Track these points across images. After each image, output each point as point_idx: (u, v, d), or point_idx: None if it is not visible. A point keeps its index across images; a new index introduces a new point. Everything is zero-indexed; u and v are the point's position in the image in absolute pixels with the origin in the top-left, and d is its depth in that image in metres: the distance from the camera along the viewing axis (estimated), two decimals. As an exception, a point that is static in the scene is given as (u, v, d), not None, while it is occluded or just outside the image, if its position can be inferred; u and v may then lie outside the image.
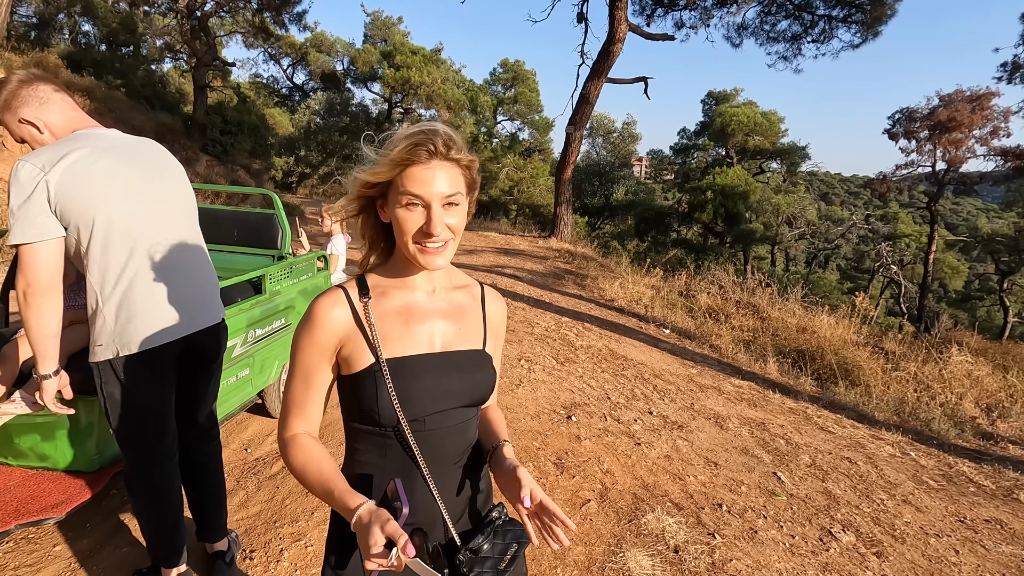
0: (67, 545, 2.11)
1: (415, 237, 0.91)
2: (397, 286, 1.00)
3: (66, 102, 1.63)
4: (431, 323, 1.00)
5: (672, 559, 2.44)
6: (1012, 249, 19.11)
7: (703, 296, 8.59)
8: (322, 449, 0.97)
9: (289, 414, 0.99)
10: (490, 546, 0.96)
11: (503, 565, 0.95)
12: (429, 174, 0.88)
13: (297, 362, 0.97)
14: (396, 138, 0.90)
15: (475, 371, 1.02)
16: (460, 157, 0.91)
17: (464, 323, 1.04)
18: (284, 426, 1.00)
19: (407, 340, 0.97)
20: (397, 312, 0.98)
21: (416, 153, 0.87)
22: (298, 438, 0.97)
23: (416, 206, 0.90)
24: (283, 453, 0.98)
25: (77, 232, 1.52)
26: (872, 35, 11.95)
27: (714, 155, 24.65)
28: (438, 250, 0.92)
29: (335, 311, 0.95)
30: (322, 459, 0.94)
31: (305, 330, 0.96)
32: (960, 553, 2.78)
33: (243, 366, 2.66)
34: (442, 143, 0.88)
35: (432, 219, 0.89)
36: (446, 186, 0.90)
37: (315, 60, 22.88)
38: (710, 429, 3.96)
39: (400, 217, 0.91)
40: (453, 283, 1.07)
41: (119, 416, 1.67)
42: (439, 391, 0.97)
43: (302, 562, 2.14)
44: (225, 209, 3.58)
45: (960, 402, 5.47)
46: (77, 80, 13.06)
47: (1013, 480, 3.73)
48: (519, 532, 0.99)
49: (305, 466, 0.93)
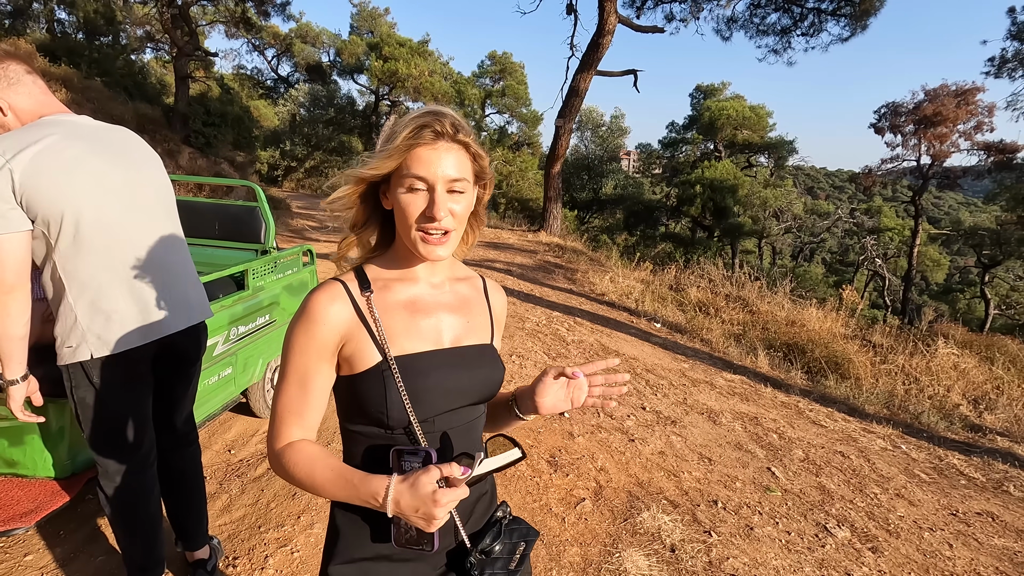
0: (39, 554, 2.01)
1: (418, 222, 0.86)
2: (399, 278, 0.94)
3: (37, 85, 1.52)
4: (438, 317, 0.94)
5: (669, 558, 2.39)
6: (994, 242, 19.40)
7: (693, 290, 8.59)
8: (325, 449, 0.89)
9: (282, 422, 0.89)
10: (500, 547, 0.94)
11: (513, 565, 0.93)
12: (435, 155, 0.84)
13: (292, 363, 0.88)
14: (401, 123, 0.86)
15: (485, 366, 0.97)
16: (468, 141, 0.87)
17: (472, 316, 0.99)
18: (277, 436, 0.89)
19: (414, 336, 0.91)
20: (402, 306, 0.92)
21: (421, 135, 0.83)
22: (296, 444, 0.88)
23: (420, 190, 0.85)
24: (279, 464, 0.88)
25: (46, 225, 1.41)
26: (861, 28, 11.98)
27: (703, 149, 24.67)
28: (440, 239, 0.87)
29: (335, 306, 0.87)
30: (328, 456, 0.87)
31: (301, 328, 0.87)
32: (954, 547, 2.78)
33: (225, 365, 2.56)
34: (450, 124, 0.84)
35: (436, 202, 0.84)
36: (452, 169, 0.85)
37: (300, 51, 22.53)
38: (703, 424, 3.93)
39: (403, 201, 0.86)
40: (456, 275, 1.02)
41: (92, 422, 1.57)
42: (450, 389, 0.91)
43: (288, 569, 2.06)
44: (206, 202, 3.46)
45: (948, 394, 5.51)
46: (54, 69, 12.70)
47: (1002, 472, 3.74)
48: (525, 530, 0.99)
49: (312, 468, 0.84)
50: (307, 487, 0.85)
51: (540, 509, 2.66)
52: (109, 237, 1.50)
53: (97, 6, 16.94)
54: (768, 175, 24.42)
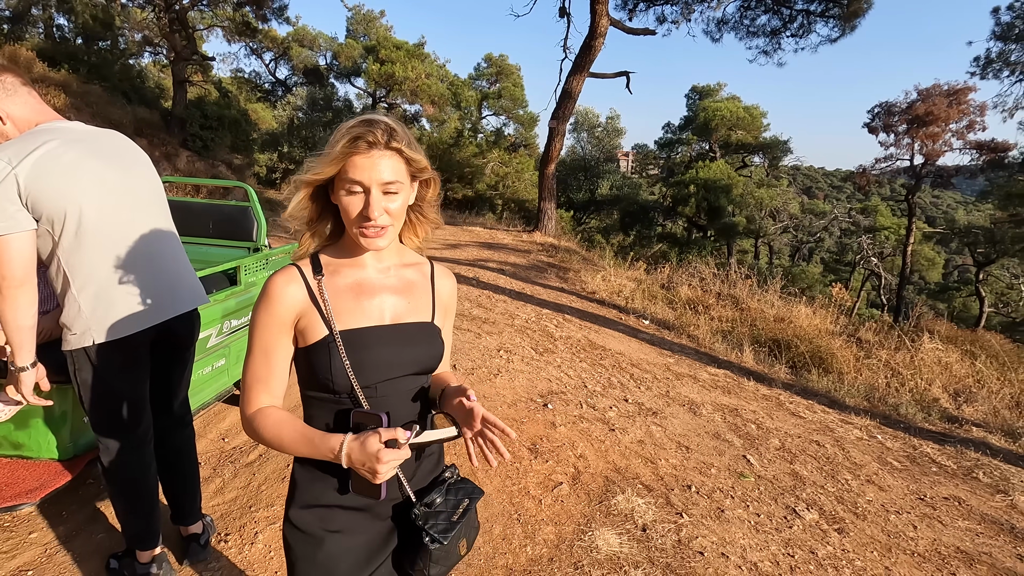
0: (42, 532, 2.14)
1: (357, 220, 0.97)
2: (348, 264, 1.06)
3: (32, 96, 1.65)
4: (381, 298, 1.06)
5: (639, 537, 2.52)
6: (988, 240, 19.54)
7: (683, 288, 8.71)
8: (289, 413, 1.02)
9: (251, 390, 1.02)
10: (443, 500, 1.06)
11: (456, 517, 1.04)
12: (369, 162, 0.94)
13: (256, 338, 1.01)
14: (340, 132, 0.96)
15: (423, 342, 1.09)
16: (401, 148, 0.97)
17: (413, 298, 1.10)
18: (247, 402, 1.02)
19: (359, 313, 1.03)
20: (349, 288, 1.04)
21: (356, 145, 0.94)
22: (264, 410, 1.01)
23: (357, 192, 0.96)
24: (251, 428, 1.01)
25: (50, 224, 1.54)
26: (850, 29, 12.13)
27: (698, 149, 24.83)
28: (377, 233, 0.98)
29: (291, 287, 1.00)
30: (294, 419, 1.00)
31: (263, 306, 1.00)
32: (918, 528, 2.90)
33: (219, 356, 2.69)
34: (381, 133, 0.95)
35: (371, 203, 0.95)
36: (386, 173, 0.96)
37: (297, 54, 22.65)
38: (684, 415, 4.05)
39: (344, 203, 0.97)
40: (403, 261, 1.13)
41: (94, 403, 1.70)
42: (390, 360, 1.03)
43: (276, 544, 2.19)
44: (199, 202, 3.59)
45: (929, 388, 5.63)
46: (53, 74, 12.84)
47: (974, 460, 3.86)
48: (471, 488, 1.12)
49: (279, 430, 0.98)
50: (275, 446, 0.99)
51: (518, 492, 2.79)
52: (108, 232, 1.64)
53: (96, 11, 17.07)
54: (763, 175, 24.56)
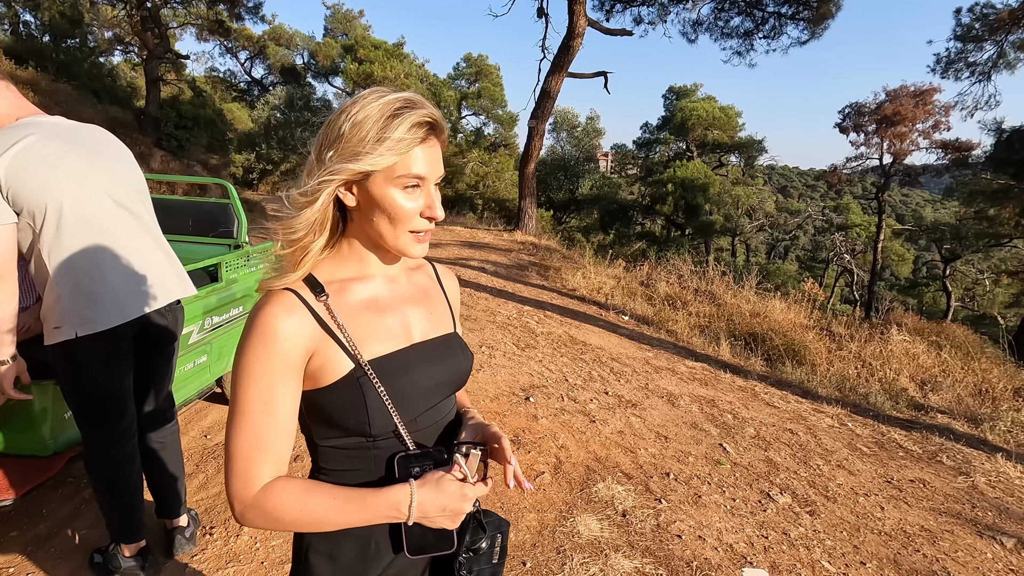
0: (23, 530, 2.13)
1: (409, 224, 0.80)
2: (354, 278, 0.86)
3: (11, 90, 1.65)
4: (402, 312, 0.89)
5: (619, 522, 2.59)
6: (954, 237, 20.22)
7: (662, 285, 8.86)
8: (308, 479, 0.80)
9: (251, 463, 0.75)
10: (486, 543, 0.92)
11: (495, 559, 0.93)
12: (433, 153, 0.80)
13: (252, 391, 0.75)
14: (386, 116, 0.76)
15: (455, 356, 0.93)
16: (446, 136, 0.85)
17: (433, 307, 0.95)
18: (246, 480, 0.75)
19: (383, 336, 0.84)
20: (364, 307, 0.84)
21: (424, 133, 0.79)
22: (274, 485, 0.76)
23: (417, 188, 0.80)
24: (259, 514, 0.75)
25: (31, 217, 1.54)
26: (820, 31, 12.47)
27: (675, 149, 25.20)
28: (428, 236, 0.84)
29: (293, 318, 0.77)
30: (320, 484, 0.79)
31: (258, 348, 0.75)
32: (885, 509, 3.02)
33: (200, 353, 2.69)
34: (441, 119, 0.81)
35: (435, 202, 0.81)
36: (441, 166, 0.83)
37: (274, 53, 22.44)
38: (662, 407, 4.15)
39: (398, 200, 0.79)
40: (407, 264, 0.96)
41: (78, 397, 1.71)
42: (427, 385, 0.87)
43: (262, 536, 2.21)
44: (180, 199, 3.57)
45: (897, 378, 5.83)
46: (20, 72, 12.54)
47: (938, 445, 4.02)
48: (497, 521, 0.96)
49: (307, 503, 0.75)
50: (303, 525, 0.76)
51: (499, 482, 2.84)
52: (89, 225, 1.64)
53: (63, 8, 16.68)
54: (739, 174, 25.02)
